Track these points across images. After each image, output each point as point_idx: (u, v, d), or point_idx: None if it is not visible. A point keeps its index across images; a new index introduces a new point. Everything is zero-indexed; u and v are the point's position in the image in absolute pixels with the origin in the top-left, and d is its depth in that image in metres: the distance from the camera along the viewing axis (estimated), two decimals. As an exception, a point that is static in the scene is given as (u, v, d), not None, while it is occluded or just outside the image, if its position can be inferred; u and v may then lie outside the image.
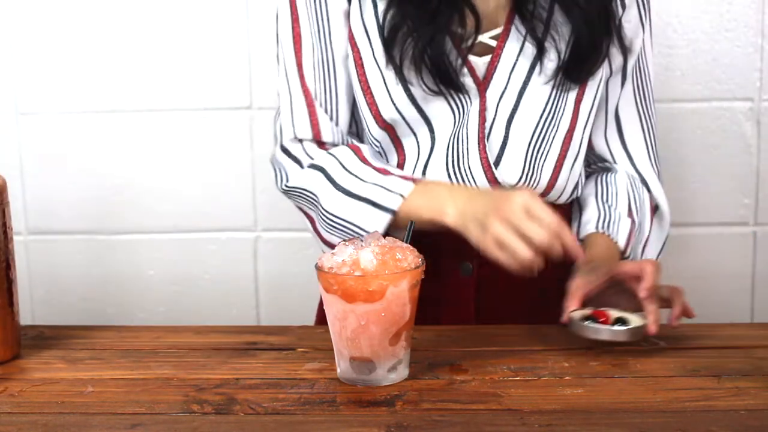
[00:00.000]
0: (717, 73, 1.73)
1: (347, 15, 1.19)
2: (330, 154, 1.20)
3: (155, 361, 1.09)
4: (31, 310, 1.85)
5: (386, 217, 1.14)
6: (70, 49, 1.78)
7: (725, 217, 1.78)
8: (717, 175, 1.76)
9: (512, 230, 1.03)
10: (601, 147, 1.31)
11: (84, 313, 1.87)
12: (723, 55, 1.72)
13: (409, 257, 0.98)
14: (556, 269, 1.26)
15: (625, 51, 1.23)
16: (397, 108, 1.19)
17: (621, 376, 1.00)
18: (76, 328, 1.22)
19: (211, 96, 1.75)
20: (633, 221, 1.25)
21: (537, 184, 1.22)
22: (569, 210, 1.33)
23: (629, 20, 1.23)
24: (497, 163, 1.20)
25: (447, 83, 1.16)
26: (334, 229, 1.19)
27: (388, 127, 1.21)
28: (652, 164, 1.31)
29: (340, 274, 0.96)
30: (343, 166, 1.18)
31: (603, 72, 1.23)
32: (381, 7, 1.17)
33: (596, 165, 1.33)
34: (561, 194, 1.25)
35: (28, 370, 1.07)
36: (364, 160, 1.18)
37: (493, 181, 1.20)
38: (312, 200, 1.20)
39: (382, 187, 1.15)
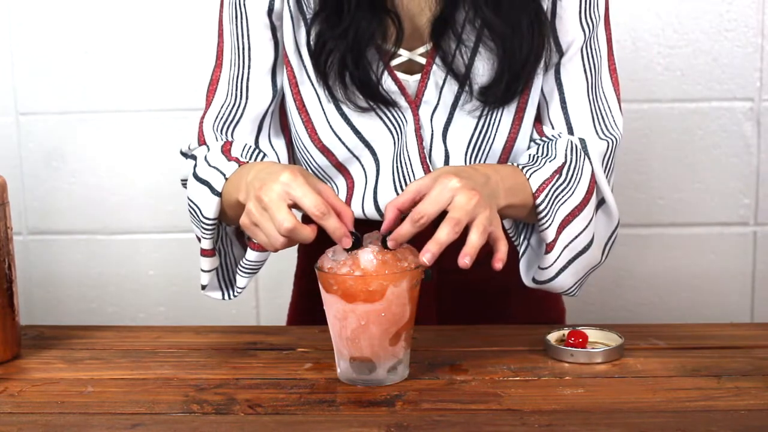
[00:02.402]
0: (717, 73, 1.73)
1: (273, 31, 1.17)
2: (205, 145, 1.19)
3: (155, 361, 1.09)
4: (31, 310, 1.85)
5: (215, 200, 1.09)
6: (69, 49, 1.78)
7: (725, 217, 1.78)
8: (717, 175, 1.76)
9: (263, 211, 0.97)
10: (545, 130, 1.20)
11: (84, 313, 1.88)
12: (723, 55, 1.72)
13: (409, 257, 0.98)
14: (517, 272, 1.25)
15: (560, 47, 1.17)
16: (331, 127, 1.16)
17: (621, 376, 1.00)
18: (76, 328, 1.22)
19: (211, 96, 1.75)
20: (559, 174, 1.11)
21: None
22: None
23: (561, 15, 1.15)
24: None
25: (371, 97, 1.13)
26: (190, 215, 1.15)
27: (327, 152, 1.18)
28: (597, 131, 1.19)
29: (340, 274, 0.96)
30: (207, 159, 1.15)
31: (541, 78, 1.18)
32: (309, 23, 1.15)
33: (539, 141, 1.22)
34: None
35: (28, 370, 1.07)
36: (225, 152, 1.15)
37: None
38: (184, 185, 1.18)
39: (218, 170, 1.11)
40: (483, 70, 1.13)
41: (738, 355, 1.06)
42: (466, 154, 1.16)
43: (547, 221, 1.09)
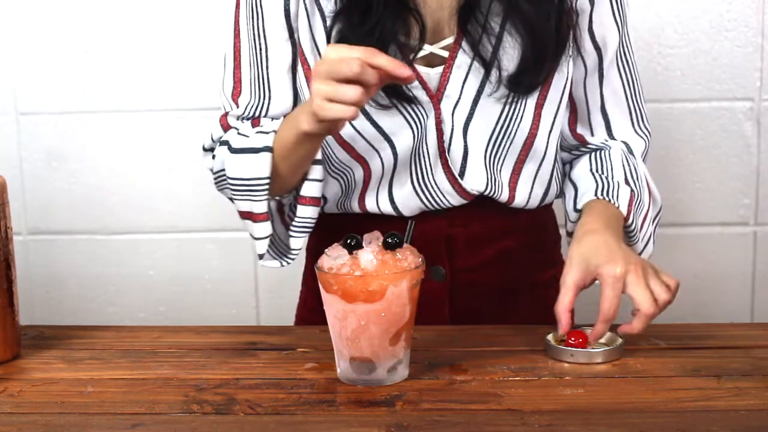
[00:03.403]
0: (717, 73, 1.73)
1: (290, 31, 1.18)
2: (233, 127, 1.21)
3: (155, 361, 1.09)
4: (31, 310, 1.85)
5: (267, 157, 1.12)
6: (69, 48, 1.78)
7: (725, 217, 1.78)
8: (717, 175, 1.76)
9: (330, 81, 0.99)
10: (587, 137, 1.28)
11: (84, 313, 1.87)
12: (723, 55, 1.72)
13: (409, 257, 0.98)
14: (529, 273, 1.26)
15: (599, 50, 1.21)
16: (351, 122, 1.16)
17: (621, 376, 1.00)
18: (76, 328, 1.22)
19: (211, 96, 1.75)
20: (632, 190, 1.20)
21: (501, 191, 1.19)
22: (545, 214, 1.30)
23: (600, 18, 1.19)
24: (462, 173, 1.17)
25: (393, 94, 1.14)
26: (236, 193, 1.17)
27: (347, 146, 1.18)
28: (635, 130, 1.29)
29: (340, 274, 0.96)
30: (239, 132, 1.17)
31: (568, 74, 1.19)
32: (329, 21, 1.15)
33: (584, 148, 1.29)
34: (528, 201, 1.22)
35: (28, 370, 1.07)
36: (255, 124, 1.18)
37: (462, 192, 1.18)
38: (221, 177, 1.19)
39: (261, 132, 1.14)
40: (509, 57, 1.15)
41: (738, 355, 1.06)
42: (486, 150, 1.17)
43: (635, 236, 1.21)
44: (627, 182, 1.21)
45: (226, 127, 1.22)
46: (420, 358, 1.05)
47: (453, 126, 1.16)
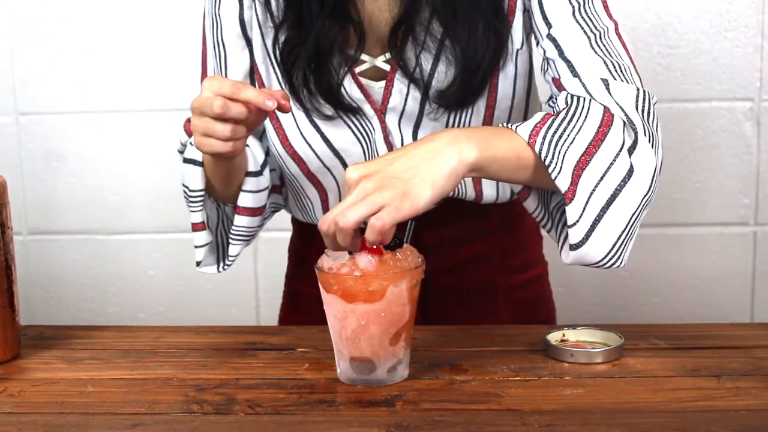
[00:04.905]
0: (717, 73, 1.73)
1: (246, 40, 1.18)
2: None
3: (155, 361, 1.09)
4: (31, 310, 1.85)
5: (198, 170, 1.13)
6: (69, 48, 1.78)
7: (725, 217, 1.78)
8: (717, 175, 1.76)
9: (203, 117, 1.00)
10: (561, 81, 1.09)
11: (84, 313, 1.88)
12: (723, 55, 1.72)
13: (409, 257, 0.98)
14: (507, 274, 1.25)
15: (549, 24, 1.11)
16: (302, 134, 1.16)
17: (621, 376, 1.00)
18: (76, 328, 1.22)
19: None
20: (554, 117, 0.99)
21: (466, 191, 1.18)
22: (528, 215, 1.25)
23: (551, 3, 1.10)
24: None
25: (334, 104, 1.13)
26: (184, 199, 1.17)
27: (299, 160, 1.18)
28: (615, 78, 1.06)
29: (340, 274, 0.96)
30: (189, 141, 1.18)
31: (516, 70, 1.14)
32: (276, 31, 1.16)
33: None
34: (497, 194, 1.20)
35: (28, 370, 1.07)
36: None
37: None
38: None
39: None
40: (443, 75, 1.12)
41: (738, 355, 1.06)
42: None
43: (555, 167, 0.96)
44: (550, 115, 1.01)
45: (188, 132, 1.23)
46: (420, 358, 1.05)
47: (402, 137, 1.15)
